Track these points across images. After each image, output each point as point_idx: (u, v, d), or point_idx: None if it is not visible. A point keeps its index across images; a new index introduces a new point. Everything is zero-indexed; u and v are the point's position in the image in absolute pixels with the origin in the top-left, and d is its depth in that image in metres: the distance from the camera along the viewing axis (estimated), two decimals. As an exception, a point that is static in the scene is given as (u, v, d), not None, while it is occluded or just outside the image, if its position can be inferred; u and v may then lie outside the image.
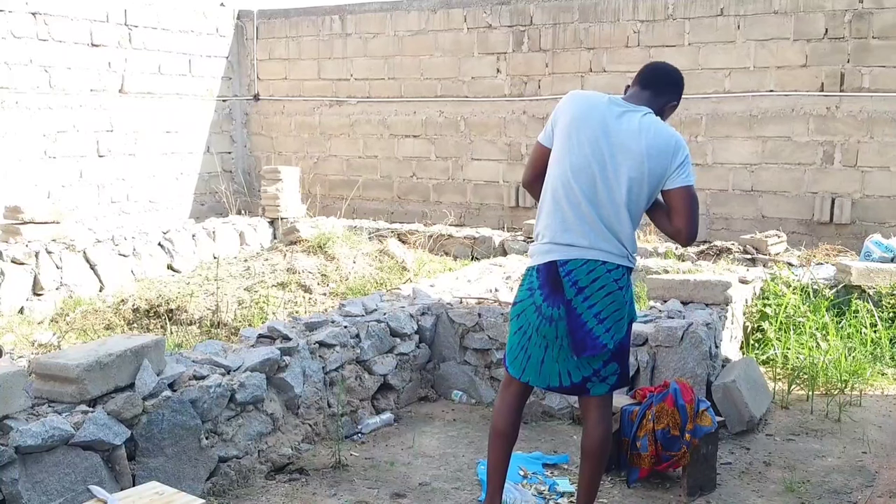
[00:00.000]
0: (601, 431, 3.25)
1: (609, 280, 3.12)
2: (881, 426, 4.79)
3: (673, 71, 3.37)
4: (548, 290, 3.15)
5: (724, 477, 4.07)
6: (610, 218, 3.12)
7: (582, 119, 3.14)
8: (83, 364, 3.33)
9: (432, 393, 5.28)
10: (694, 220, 3.19)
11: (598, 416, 3.26)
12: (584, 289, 3.10)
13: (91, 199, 10.99)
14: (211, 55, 12.76)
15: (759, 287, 6.25)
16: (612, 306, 3.12)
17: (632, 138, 3.10)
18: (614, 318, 3.13)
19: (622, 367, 3.24)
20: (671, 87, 3.31)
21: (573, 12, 10.64)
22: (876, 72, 9.10)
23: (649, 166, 3.10)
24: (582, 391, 3.24)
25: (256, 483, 3.94)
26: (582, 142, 3.12)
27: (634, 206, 3.16)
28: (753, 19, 9.61)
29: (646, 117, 3.16)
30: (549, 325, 3.15)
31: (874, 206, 9.23)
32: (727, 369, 4.92)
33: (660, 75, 3.32)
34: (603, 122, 3.13)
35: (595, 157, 3.11)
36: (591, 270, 3.11)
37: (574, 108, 3.19)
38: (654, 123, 3.16)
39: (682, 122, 10.10)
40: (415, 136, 11.92)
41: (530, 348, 3.21)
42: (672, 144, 3.13)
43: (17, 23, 10.00)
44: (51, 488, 3.12)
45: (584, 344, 3.12)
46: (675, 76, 3.36)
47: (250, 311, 7.11)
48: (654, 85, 3.28)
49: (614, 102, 3.19)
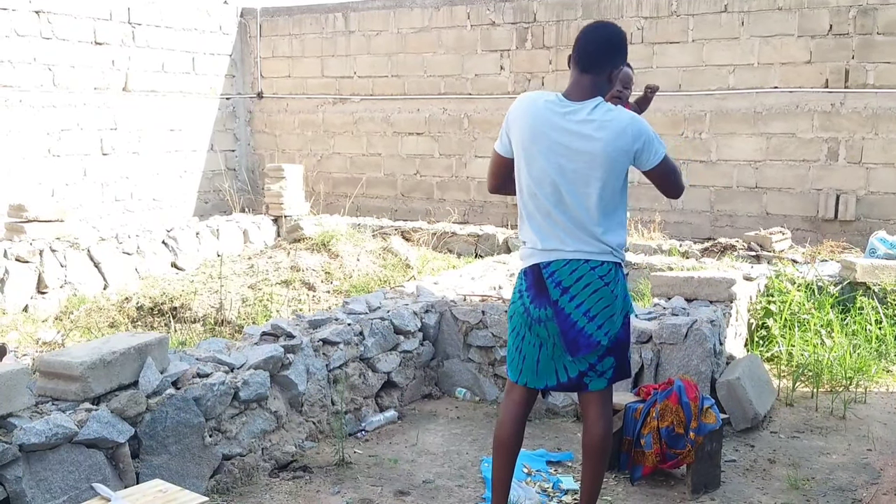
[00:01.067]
0: (601, 428, 3.23)
1: (594, 277, 3.09)
2: (886, 423, 4.77)
3: (607, 38, 3.12)
4: (534, 293, 3.16)
5: (728, 474, 4.06)
6: (582, 220, 3.07)
7: (532, 128, 3.07)
8: (87, 362, 3.33)
9: (436, 390, 5.28)
10: (678, 186, 3.28)
11: (598, 412, 3.24)
12: (569, 288, 3.09)
13: (95, 198, 11.00)
14: (214, 53, 12.76)
15: (764, 284, 6.23)
16: (601, 303, 3.10)
17: (584, 139, 3.02)
18: (605, 315, 3.10)
19: (619, 361, 3.21)
20: (612, 56, 3.10)
21: (577, 9, 10.62)
22: (881, 68, 9.07)
23: (610, 162, 3.03)
24: (580, 387, 3.21)
25: (260, 481, 3.94)
26: (536, 153, 3.06)
27: (608, 200, 3.08)
28: (757, 15, 9.59)
29: (595, 111, 3.05)
30: (540, 325, 3.15)
31: (879, 203, 9.20)
32: (731, 366, 4.91)
33: (596, 51, 3.08)
34: (552, 127, 3.04)
35: (552, 166, 3.05)
36: (574, 270, 3.09)
37: (523, 117, 3.10)
38: (604, 116, 3.04)
39: (686, 118, 10.09)
40: (418, 133, 11.91)
41: (524, 349, 3.21)
42: (628, 133, 3.03)
43: (20, 21, 10.01)
44: (54, 486, 3.12)
45: (578, 343, 3.10)
46: (613, 41, 3.12)
47: (254, 308, 7.11)
48: (592, 66, 3.08)
49: (558, 103, 3.08)
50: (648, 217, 9.85)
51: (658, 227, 9.47)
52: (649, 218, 9.81)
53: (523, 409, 3.29)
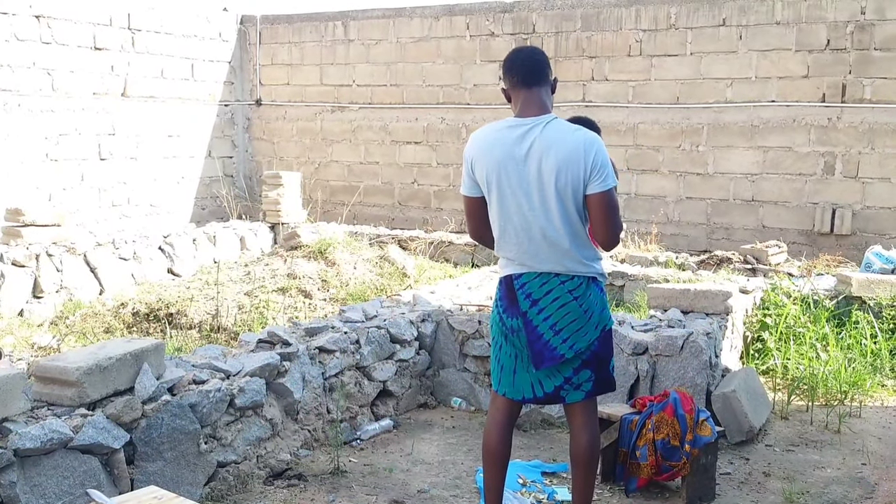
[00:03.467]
0: (586, 437, 3.22)
1: (563, 291, 3.10)
2: (881, 438, 4.78)
3: (535, 52, 3.21)
4: (507, 303, 3.19)
5: (723, 487, 4.06)
6: (551, 242, 3.08)
7: (494, 159, 3.09)
8: (83, 367, 3.33)
9: (432, 399, 5.28)
10: (615, 227, 3.09)
11: (581, 422, 3.23)
12: (538, 301, 3.10)
13: (92, 203, 11.00)
14: (213, 60, 12.78)
15: (760, 297, 6.24)
16: (568, 317, 3.09)
17: (541, 161, 3.03)
18: (571, 329, 3.09)
19: (598, 374, 3.18)
20: (546, 67, 3.18)
21: (575, 21, 10.66)
22: (878, 83, 9.12)
23: (565, 180, 3.02)
24: (557, 399, 3.22)
25: (255, 488, 3.93)
26: (502, 182, 3.08)
27: (575, 217, 3.08)
28: (755, 30, 9.64)
29: (549, 126, 3.07)
30: (512, 334, 3.18)
31: (875, 218, 9.24)
32: (727, 379, 4.91)
33: (535, 64, 3.15)
34: (510, 156, 3.06)
35: (518, 191, 3.07)
36: (545, 283, 3.10)
37: (484, 151, 3.12)
38: (558, 135, 3.05)
39: (684, 131, 10.13)
40: (416, 142, 11.93)
41: (503, 358, 3.25)
42: (582, 149, 3.02)
43: (20, 25, 10.02)
44: (49, 492, 3.11)
45: (542, 356, 3.10)
46: (541, 55, 3.21)
47: (250, 315, 7.11)
48: (537, 79, 3.14)
49: (512, 128, 3.10)
50: (645, 229, 9.87)
51: (655, 239, 9.50)
52: (646, 230, 9.83)
53: (507, 417, 3.29)
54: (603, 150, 3.06)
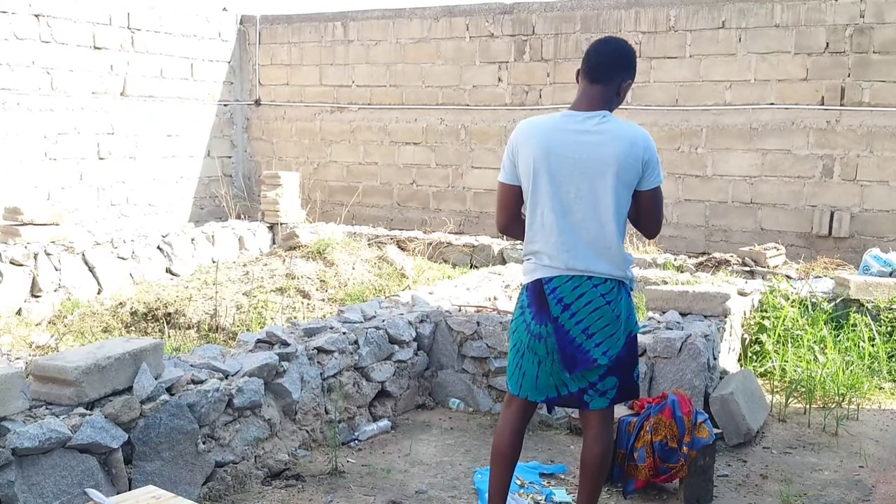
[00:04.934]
0: (600, 448, 3.20)
1: (595, 295, 3.05)
2: (878, 440, 4.79)
3: (618, 50, 3.14)
4: (535, 309, 3.13)
5: (720, 489, 4.07)
6: (594, 237, 3.04)
7: (542, 146, 3.05)
8: (81, 366, 3.33)
9: (430, 400, 5.28)
10: (660, 220, 3.23)
11: (597, 432, 3.20)
12: (570, 305, 3.05)
13: (91, 202, 10.99)
14: (213, 59, 12.78)
15: (758, 299, 6.25)
16: (601, 321, 3.06)
17: (597, 151, 3.01)
18: (605, 334, 3.06)
19: (623, 380, 3.15)
20: (621, 69, 3.11)
21: (575, 22, 10.67)
22: (876, 86, 9.13)
23: (622, 172, 3.01)
24: (581, 403, 3.18)
25: (253, 488, 3.93)
26: (548, 171, 3.04)
27: (621, 215, 3.08)
28: (755, 32, 9.65)
29: (605, 121, 3.04)
30: (539, 342, 3.12)
31: (873, 221, 9.25)
32: (725, 381, 4.92)
33: (606, 62, 3.09)
34: (565, 143, 3.03)
35: (565, 182, 3.03)
36: (577, 287, 3.05)
37: (532, 139, 3.08)
38: (615, 128, 3.04)
39: (683, 133, 10.14)
40: (415, 143, 11.93)
41: (524, 365, 3.18)
42: (640, 144, 3.03)
43: (19, 24, 10.02)
44: (47, 491, 3.11)
45: (575, 360, 3.07)
46: (623, 53, 3.13)
47: (249, 315, 7.10)
48: (602, 77, 3.08)
49: (567, 117, 3.09)
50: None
51: (653, 241, 9.50)
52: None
53: (522, 420, 3.28)
54: (654, 147, 3.09)
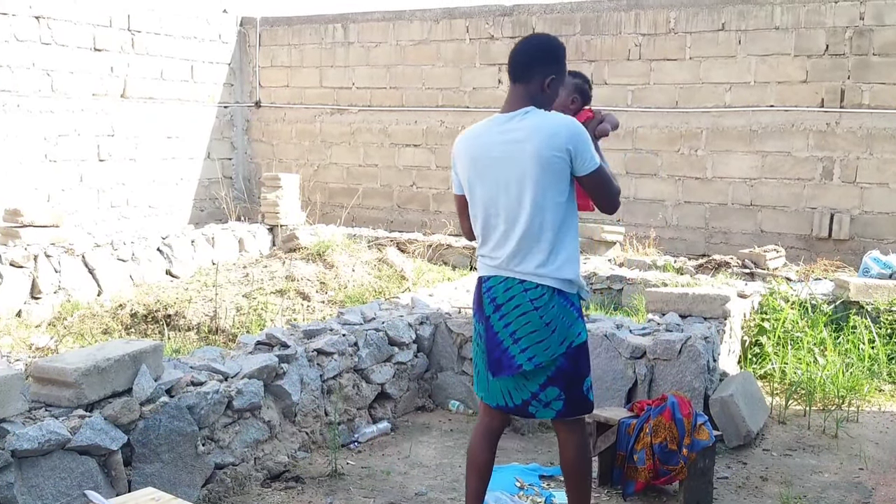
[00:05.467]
0: (568, 454, 3.14)
1: (525, 300, 2.99)
2: (878, 442, 4.78)
3: (536, 46, 3.07)
4: (475, 307, 3.17)
5: (720, 491, 4.06)
6: (524, 238, 2.99)
7: (470, 155, 3.06)
8: (81, 368, 3.32)
9: (429, 402, 5.28)
10: (613, 198, 3.09)
11: (563, 438, 3.16)
12: (501, 306, 3.03)
13: (91, 203, 11.00)
14: (213, 61, 12.79)
15: (758, 301, 6.25)
16: (528, 327, 2.97)
17: (517, 149, 2.95)
18: (531, 339, 2.97)
19: (568, 393, 3.03)
20: (541, 65, 3.03)
21: (575, 24, 10.68)
22: (876, 88, 9.14)
23: (544, 165, 2.93)
24: (525, 414, 3.13)
25: (252, 490, 3.93)
26: (477, 177, 3.05)
27: (551, 213, 2.97)
28: (754, 34, 9.65)
29: (526, 117, 2.98)
30: (479, 339, 3.15)
31: (873, 223, 9.25)
32: (725, 383, 4.92)
33: (523, 61, 3.04)
34: (489, 147, 3.02)
35: (492, 185, 3.01)
36: (508, 289, 3.02)
37: (463, 149, 3.10)
38: (535, 119, 2.97)
39: (682, 135, 10.14)
40: (415, 145, 11.94)
41: (478, 362, 3.20)
42: (562, 134, 2.92)
43: (20, 26, 10.03)
44: (46, 493, 3.11)
45: (500, 363, 3.03)
46: (542, 49, 3.06)
47: (248, 317, 7.11)
48: (522, 75, 3.03)
49: (492, 121, 3.07)
50: (643, 233, 9.88)
51: (653, 243, 9.51)
52: (644, 233, 9.84)
53: (489, 422, 3.22)
54: (582, 130, 2.97)
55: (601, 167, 3.01)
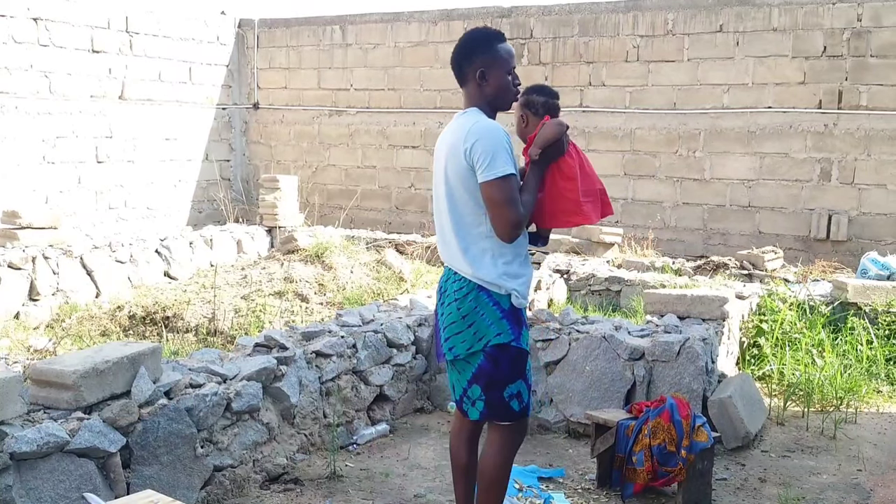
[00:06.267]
0: (486, 457, 3.08)
1: (452, 290, 3.03)
2: (876, 444, 4.79)
3: (458, 44, 3.05)
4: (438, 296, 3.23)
5: (719, 493, 4.07)
6: (448, 237, 3.04)
7: (435, 156, 3.13)
8: (80, 370, 3.32)
9: (428, 404, 5.27)
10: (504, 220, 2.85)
11: (487, 439, 3.12)
12: (443, 295, 3.11)
13: (89, 205, 10.99)
14: (211, 63, 12.79)
15: (756, 303, 6.26)
16: (450, 317, 3.02)
17: (442, 151, 3.02)
18: (451, 330, 3.01)
19: (488, 395, 2.99)
20: (465, 59, 3.01)
21: (573, 26, 10.69)
22: (874, 90, 9.15)
23: (451, 171, 2.94)
24: (463, 411, 3.13)
25: (251, 492, 3.93)
26: (434, 177, 3.13)
27: (463, 214, 2.95)
28: (752, 36, 9.67)
29: (456, 119, 3.02)
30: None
31: (871, 224, 9.26)
32: (723, 385, 4.92)
33: (453, 63, 3.07)
34: (438, 147, 3.10)
35: (436, 186, 3.09)
36: (447, 280, 3.10)
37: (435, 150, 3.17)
38: (456, 123, 2.99)
39: (680, 136, 10.15)
40: (414, 146, 11.94)
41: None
42: (468, 140, 2.86)
43: (18, 28, 10.02)
44: (45, 495, 3.10)
45: (438, 350, 3.16)
46: (462, 44, 3.03)
47: (247, 319, 7.10)
48: (459, 77, 3.07)
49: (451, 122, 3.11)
50: (641, 234, 9.88)
51: (651, 244, 9.51)
52: (642, 235, 9.85)
53: (459, 417, 3.20)
54: (488, 138, 2.83)
55: (500, 181, 2.82)
